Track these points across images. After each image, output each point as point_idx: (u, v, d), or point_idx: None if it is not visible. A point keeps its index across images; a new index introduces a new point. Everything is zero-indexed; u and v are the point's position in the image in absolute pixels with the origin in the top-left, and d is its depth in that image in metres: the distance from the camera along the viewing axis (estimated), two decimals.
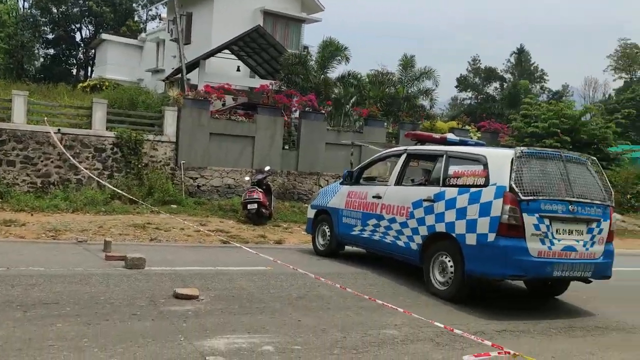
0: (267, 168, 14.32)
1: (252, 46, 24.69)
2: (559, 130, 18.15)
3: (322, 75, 20.84)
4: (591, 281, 7.12)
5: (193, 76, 25.04)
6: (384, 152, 9.46)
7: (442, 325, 5.20)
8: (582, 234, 6.71)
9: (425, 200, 7.37)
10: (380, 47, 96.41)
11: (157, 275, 7.09)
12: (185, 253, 9.15)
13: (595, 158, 7.51)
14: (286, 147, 17.26)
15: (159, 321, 5.25)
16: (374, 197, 8.37)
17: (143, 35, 39.64)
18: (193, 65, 24.34)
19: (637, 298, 8.44)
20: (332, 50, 20.73)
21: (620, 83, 48.77)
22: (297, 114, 19.03)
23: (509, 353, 3.92)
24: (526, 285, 8.02)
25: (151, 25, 45.89)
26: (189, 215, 12.99)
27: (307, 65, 20.73)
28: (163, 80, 27.97)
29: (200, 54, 24.43)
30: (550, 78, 50.72)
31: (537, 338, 5.77)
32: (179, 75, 22.80)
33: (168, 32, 27.98)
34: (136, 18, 46.88)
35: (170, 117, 15.36)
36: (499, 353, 4.04)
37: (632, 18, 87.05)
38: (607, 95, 48.52)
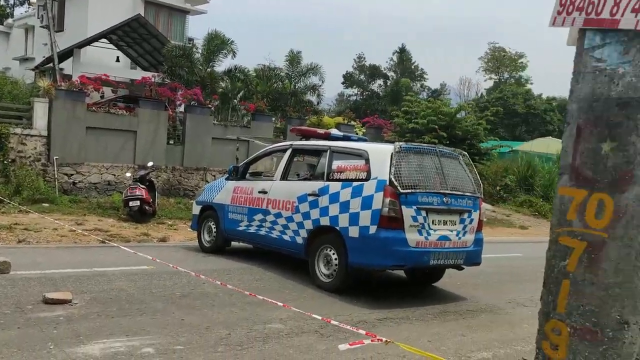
0: (150, 164, 13.80)
1: (132, 36, 23.58)
2: (436, 127, 19.13)
3: (208, 69, 20.40)
4: (463, 268, 7.63)
5: (67, 66, 23.46)
6: (270, 147, 9.47)
7: (320, 317, 5.29)
8: (455, 224, 7.14)
9: (310, 194, 7.47)
10: (268, 41, 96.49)
11: (25, 279, 6.54)
12: (58, 255, 8.54)
13: (466, 153, 8.03)
14: (171, 142, 16.71)
15: (26, 329, 4.85)
16: (259, 192, 8.34)
17: (10, 20, 36.62)
18: (67, 54, 22.77)
19: (503, 282, 9.14)
20: (218, 44, 20.32)
21: (490, 83, 52.77)
22: (182, 108, 18.48)
23: (381, 340, 4.09)
24: (406, 274, 8.40)
25: (19, 10, 42.44)
26: (63, 214, 12.14)
27: (192, 58, 20.17)
28: (33, 70, 25.95)
29: (75, 43, 22.93)
30: (430, 77, 53.61)
31: (415, 324, 6.08)
32: (51, 65, 21.22)
33: (38, 17, 25.94)
34: (2, 2, 43.11)
35: (40, 110, 14.25)
36: (372, 340, 4.20)
37: (503, 21, 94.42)
38: (479, 94, 52.12)
